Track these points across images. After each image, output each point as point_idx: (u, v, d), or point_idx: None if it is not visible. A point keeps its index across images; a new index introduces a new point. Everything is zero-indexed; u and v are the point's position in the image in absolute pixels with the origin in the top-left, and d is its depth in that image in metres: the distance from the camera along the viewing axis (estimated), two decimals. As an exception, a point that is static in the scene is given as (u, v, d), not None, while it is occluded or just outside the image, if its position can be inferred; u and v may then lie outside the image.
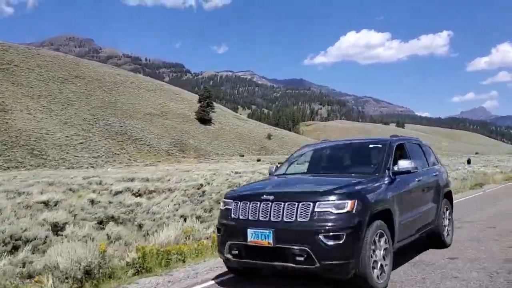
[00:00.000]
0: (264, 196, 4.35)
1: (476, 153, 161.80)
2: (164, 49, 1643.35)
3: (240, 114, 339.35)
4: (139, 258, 5.41)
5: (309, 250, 3.92)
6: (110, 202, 13.17)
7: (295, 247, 3.99)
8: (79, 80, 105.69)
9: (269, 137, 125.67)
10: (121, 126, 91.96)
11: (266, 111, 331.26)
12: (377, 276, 4.24)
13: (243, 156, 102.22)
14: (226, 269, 5.09)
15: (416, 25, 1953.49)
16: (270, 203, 4.23)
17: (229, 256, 4.47)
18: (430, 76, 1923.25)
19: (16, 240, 7.32)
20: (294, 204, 4.11)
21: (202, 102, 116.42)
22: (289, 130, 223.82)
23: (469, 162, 47.10)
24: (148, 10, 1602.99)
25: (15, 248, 7.03)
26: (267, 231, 4.11)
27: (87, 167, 65.20)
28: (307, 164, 6.29)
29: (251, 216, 4.33)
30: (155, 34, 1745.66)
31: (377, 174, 4.94)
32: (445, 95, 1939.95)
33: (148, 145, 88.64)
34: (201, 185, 19.45)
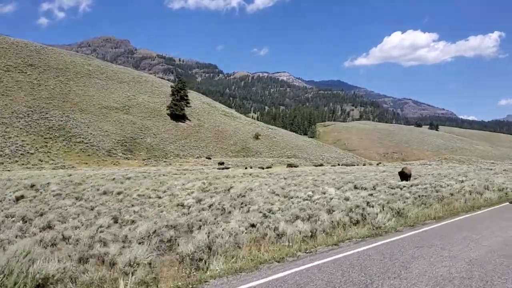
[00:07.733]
0: None
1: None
2: (204, 51, 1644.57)
3: (266, 114, 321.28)
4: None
5: None
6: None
7: None
8: (32, 68, 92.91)
9: (256, 137, 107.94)
10: (61, 121, 77.76)
11: (283, 110, 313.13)
12: None
13: (210, 158, 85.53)
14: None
15: (465, 26, 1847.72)
16: None
17: None
18: (477, 78, 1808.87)
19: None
20: None
21: (175, 95, 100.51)
22: (305, 130, 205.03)
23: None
24: (191, 13, 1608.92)
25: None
26: None
27: (-40, 169, 50.84)
28: None
29: None
30: (197, 37, 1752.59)
31: None
32: (492, 98, 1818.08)
33: (85, 143, 73.76)
34: None
